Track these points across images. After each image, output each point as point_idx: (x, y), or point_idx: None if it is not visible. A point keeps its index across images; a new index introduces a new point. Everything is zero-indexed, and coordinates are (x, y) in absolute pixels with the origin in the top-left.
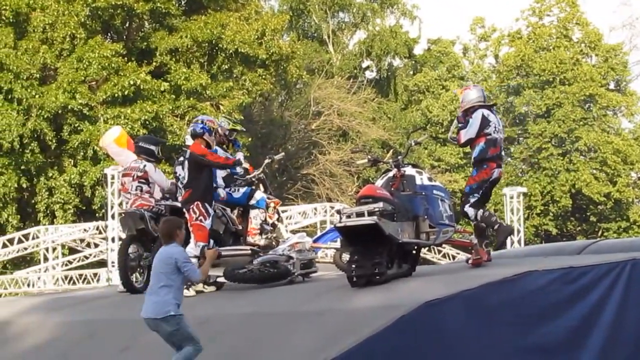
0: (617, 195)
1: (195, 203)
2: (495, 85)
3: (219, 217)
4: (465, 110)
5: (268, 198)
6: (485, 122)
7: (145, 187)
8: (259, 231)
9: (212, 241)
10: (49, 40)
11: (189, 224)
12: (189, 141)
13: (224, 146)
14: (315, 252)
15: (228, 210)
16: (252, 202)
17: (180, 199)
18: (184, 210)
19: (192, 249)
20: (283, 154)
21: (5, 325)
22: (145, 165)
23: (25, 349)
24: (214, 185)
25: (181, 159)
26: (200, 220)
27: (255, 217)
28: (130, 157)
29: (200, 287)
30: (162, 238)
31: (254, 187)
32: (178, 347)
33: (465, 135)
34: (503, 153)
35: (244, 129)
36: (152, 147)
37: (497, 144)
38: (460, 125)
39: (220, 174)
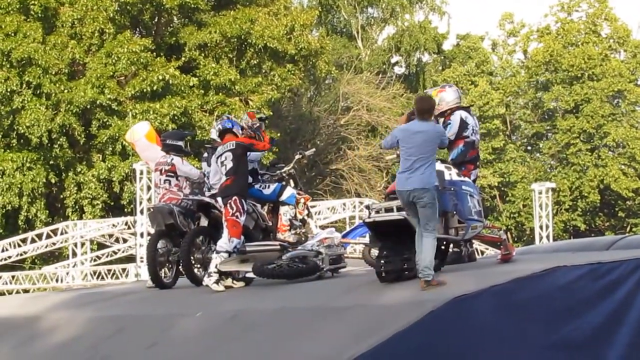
0: None
1: (234, 198)
2: (524, 81)
3: (249, 213)
4: (442, 112)
5: (298, 194)
6: (463, 124)
7: (173, 181)
8: (289, 227)
9: (242, 237)
10: (78, 35)
11: (224, 218)
12: (214, 134)
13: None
14: (344, 248)
15: (258, 206)
16: (283, 198)
17: (208, 192)
18: (220, 199)
19: (225, 244)
20: (314, 149)
21: (33, 320)
22: (172, 159)
23: (54, 344)
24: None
25: (205, 155)
26: (237, 217)
27: (285, 214)
28: (159, 153)
29: (229, 282)
30: (420, 114)
31: (284, 184)
32: (422, 223)
33: None
34: (480, 154)
35: (266, 116)
36: (180, 143)
37: (475, 146)
38: None
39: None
